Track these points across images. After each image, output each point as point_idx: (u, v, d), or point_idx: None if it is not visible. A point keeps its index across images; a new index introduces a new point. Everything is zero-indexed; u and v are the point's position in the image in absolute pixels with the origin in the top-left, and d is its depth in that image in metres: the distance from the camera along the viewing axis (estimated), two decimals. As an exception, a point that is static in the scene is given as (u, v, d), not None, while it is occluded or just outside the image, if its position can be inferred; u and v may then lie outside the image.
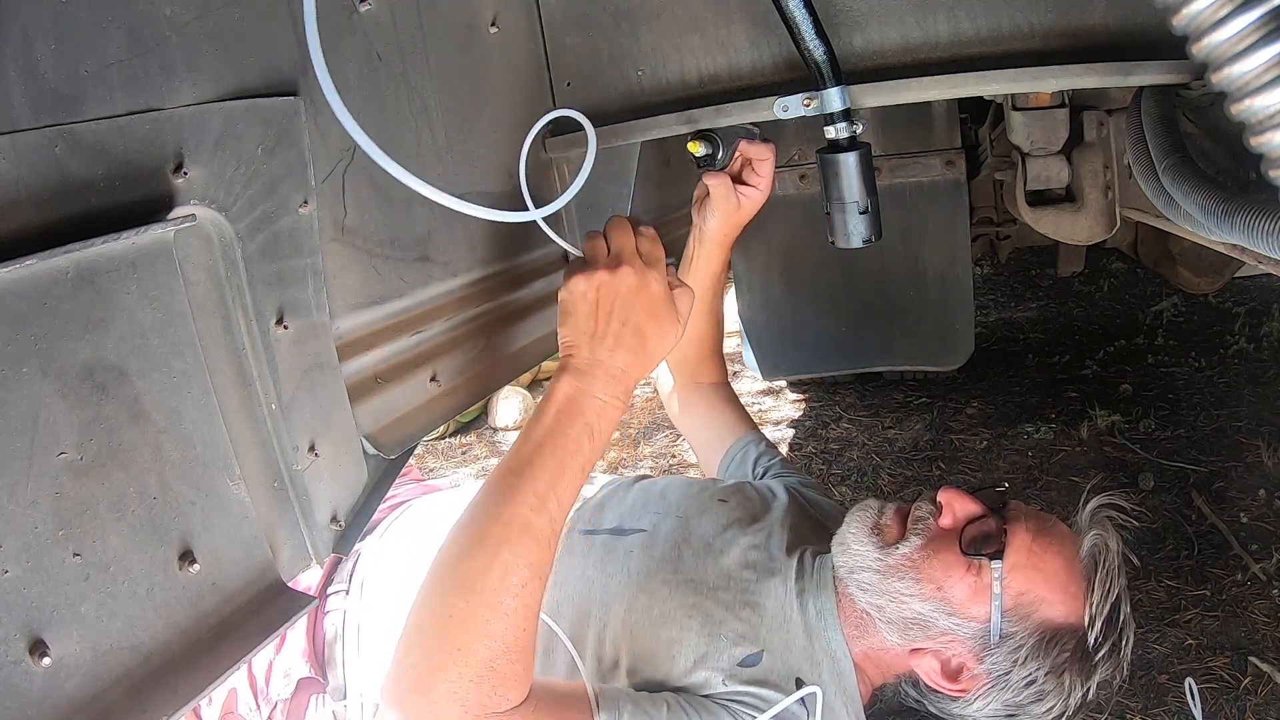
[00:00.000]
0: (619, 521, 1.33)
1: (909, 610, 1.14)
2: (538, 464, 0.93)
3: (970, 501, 1.18)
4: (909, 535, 1.17)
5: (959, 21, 0.93)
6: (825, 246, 1.06)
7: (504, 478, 0.95)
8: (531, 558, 0.91)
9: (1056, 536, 1.16)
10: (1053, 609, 1.11)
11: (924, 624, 1.14)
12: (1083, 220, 1.74)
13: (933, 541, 1.16)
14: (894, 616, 1.15)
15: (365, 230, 0.90)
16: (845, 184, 0.99)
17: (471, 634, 0.88)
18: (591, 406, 0.96)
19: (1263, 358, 3.42)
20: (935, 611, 1.13)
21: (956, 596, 1.12)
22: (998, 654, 1.12)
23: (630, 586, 1.20)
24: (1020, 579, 1.12)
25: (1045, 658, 1.11)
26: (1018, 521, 1.16)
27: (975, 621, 1.12)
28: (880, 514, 1.23)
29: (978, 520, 1.16)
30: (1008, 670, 1.12)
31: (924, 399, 3.52)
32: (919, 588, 1.14)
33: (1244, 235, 0.77)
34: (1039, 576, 1.12)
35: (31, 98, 0.57)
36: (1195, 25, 0.66)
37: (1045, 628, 1.11)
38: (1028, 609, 1.11)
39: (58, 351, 0.60)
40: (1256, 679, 2.02)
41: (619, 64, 1.08)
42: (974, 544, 1.14)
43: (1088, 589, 1.12)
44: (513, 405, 3.84)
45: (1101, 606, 1.11)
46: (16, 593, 0.58)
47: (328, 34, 0.83)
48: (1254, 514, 2.55)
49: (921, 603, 1.13)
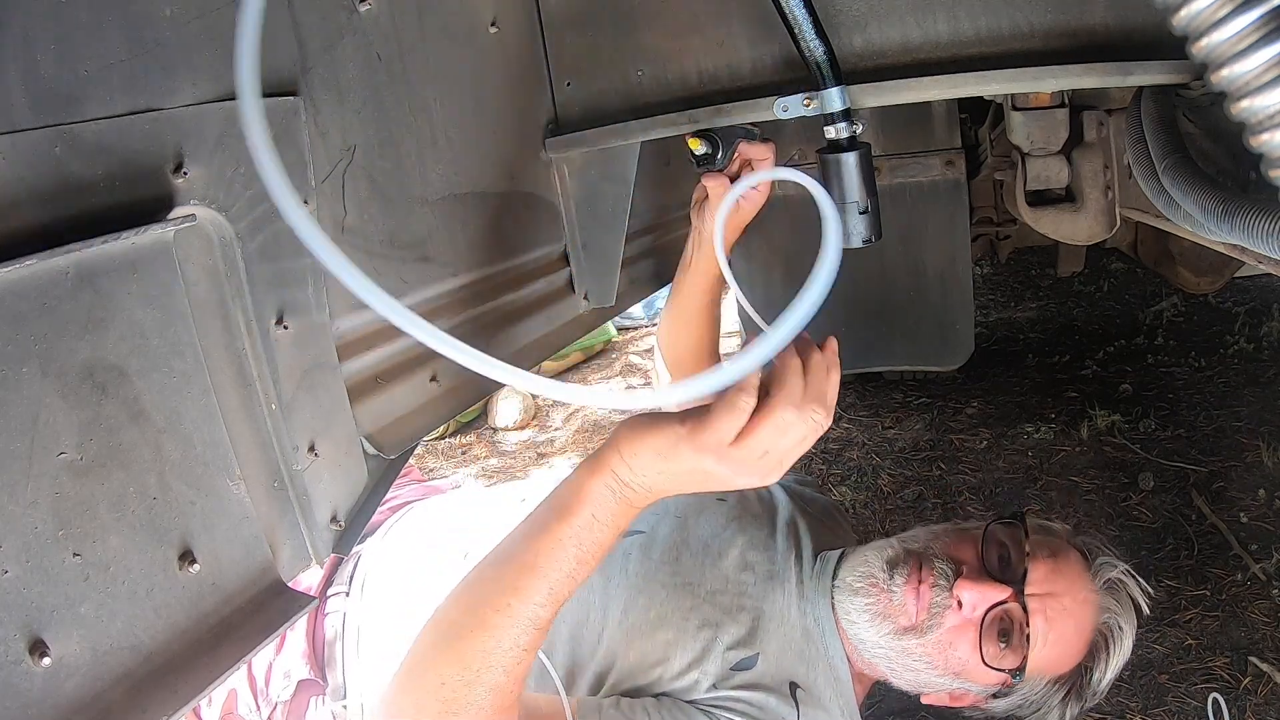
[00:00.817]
0: None
1: (926, 679, 1.18)
2: (558, 562, 0.85)
3: (989, 588, 1.12)
4: (926, 629, 1.13)
5: (959, 21, 0.93)
6: (825, 246, 1.06)
7: (517, 571, 0.86)
8: (532, 643, 0.88)
9: (1075, 613, 1.14)
10: (1061, 668, 1.17)
11: (938, 685, 1.18)
12: (1083, 220, 1.74)
13: (949, 633, 1.13)
14: (902, 675, 1.19)
15: (365, 230, 0.90)
16: (845, 184, 0.98)
17: (461, 702, 0.87)
18: (627, 518, 0.86)
19: (1263, 358, 3.42)
20: (952, 680, 1.16)
21: (974, 677, 1.15)
22: (1009, 699, 1.18)
23: (628, 588, 1.20)
24: (1034, 670, 1.14)
25: (1052, 696, 1.18)
26: (1039, 612, 1.11)
27: (989, 685, 1.16)
28: (889, 586, 1.16)
29: (998, 606, 1.12)
30: (1016, 704, 1.18)
31: (924, 399, 3.52)
32: (934, 670, 1.16)
33: (1244, 235, 0.77)
34: (1049, 663, 1.15)
35: (31, 98, 0.57)
36: (1195, 25, 0.66)
37: (1050, 680, 1.17)
38: (1039, 678, 1.16)
39: (58, 351, 0.60)
40: (1256, 679, 2.02)
41: (619, 64, 1.08)
42: (997, 656, 1.12)
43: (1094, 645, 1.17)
44: (513, 405, 3.84)
45: (1104, 671, 1.17)
46: (16, 593, 0.58)
47: (328, 34, 0.83)
48: (1254, 514, 2.54)
49: (939, 676, 1.16)
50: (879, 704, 2.02)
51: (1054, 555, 1.16)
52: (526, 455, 3.64)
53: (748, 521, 1.33)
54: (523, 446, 3.72)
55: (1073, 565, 1.17)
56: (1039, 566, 1.13)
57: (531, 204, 1.17)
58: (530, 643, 0.87)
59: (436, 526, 1.42)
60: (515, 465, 3.57)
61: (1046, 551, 1.16)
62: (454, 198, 1.03)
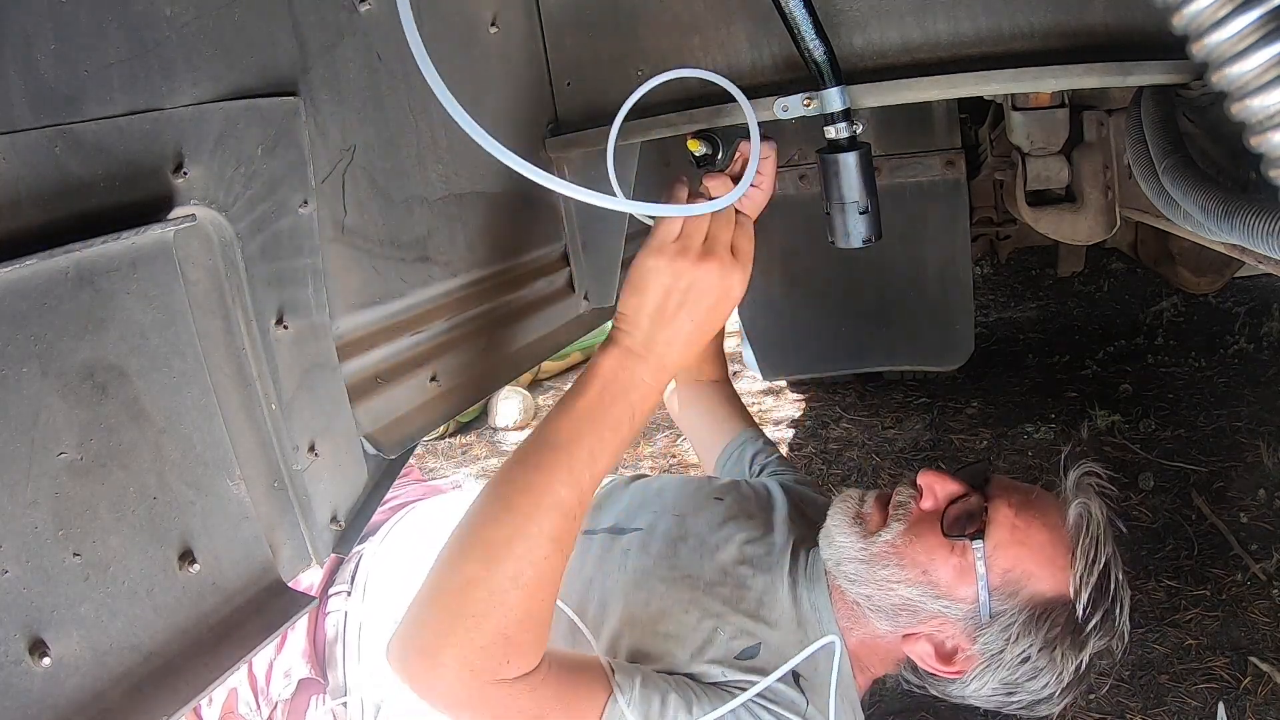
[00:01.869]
0: (616, 520, 1.33)
1: (897, 597, 1.14)
2: (576, 438, 0.90)
3: (950, 482, 1.17)
4: (890, 522, 1.17)
5: (959, 21, 0.93)
6: (825, 246, 1.06)
7: (539, 449, 0.92)
8: (557, 531, 0.90)
9: (1040, 509, 1.15)
10: (1041, 583, 1.11)
11: (913, 609, 1.14)
12: (1083, 220, 1.74)
13: (915, 526, 1.15)
14: (883, 604, 1.15)
15: (365, 230, 0.90)
16: (845, 184, 0.98)
17: (488, 602, 0.87)
18: (638, 389, 0.92)
19: (1263, 358, 3.42)
20: (923, 595, 1.13)
21: (942, 579, 1.12)
22: (989, 633, 1.12)
23: (628, 584, 1.20)
24: (1005, 556, 1.11)
25: (1037, 633, 1.10)
26: (999, 498, 1.15)
27: (963, 603, 1.12)
28: (861, 503, 1.22)
29: (959, 500, 1.15)
30: (1001, 649, 1.12)
31: (924, 399, 3.52)
32: (904, 573, 1.13)
33: (1244, 235, 0.77)
34: (1024, 552, 1.11)
35: (31, 98, 0.57)
36: (1195, 25, 0.66)
37: (1035, 603, 1.11)
38: (1015, 585, 1.11)
39: (58, 351, 0.60)
40: (1256, 679, 2.02)
41: (619, 64, 1.08)
42: (955, 525, 1.13)
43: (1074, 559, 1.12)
44: (513, 405, 3.84)
45: (1088, 576, 1.10)
46: (16, 593, 0.58)
47: (328, 34, 0.83)
48: (1254, 514, 2.55)
49: (908, 588, 1.13)
50: (879, 704, 2.03)
51: (1020, 490, 1.18)
52: (526, 455, 3.63)
53: (744, 519, 1.33)
54: (523, 446, 3.71)
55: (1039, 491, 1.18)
56: (1000, 479, 1.19)
57: (531, 204, 1.17)
58: (555, 531, 0.89)
59: (437, 527, 1.42)
60: (515, 465, 3.56)
61: (1011, 487, 1.19)
62: (454, 198, 1.03)
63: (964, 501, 1.15)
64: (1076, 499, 1.15)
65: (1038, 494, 1.18)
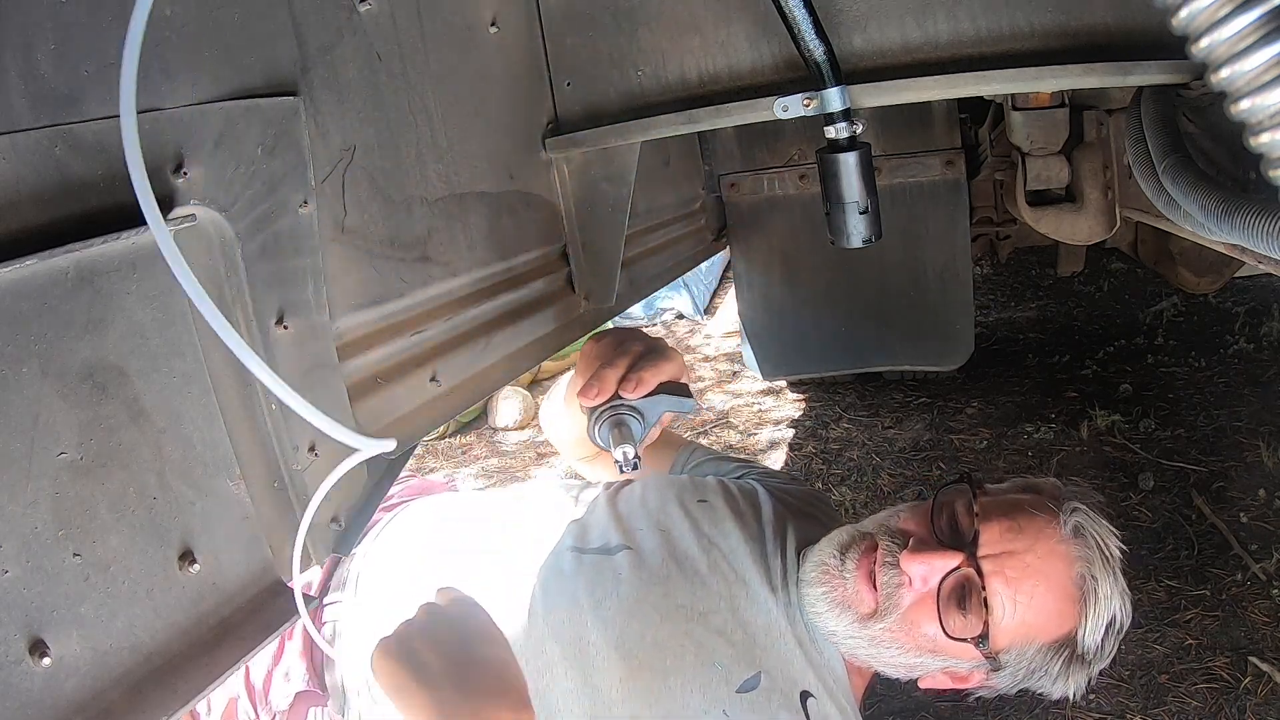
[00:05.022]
0: (604, 539, 1.28)
1: (906, 662, 1.15)
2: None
3: (936, 557, 1.08)
4: (883, 611, 1.11)
5: (959, 21, 0.93)
6: (825, 246, 1.06)
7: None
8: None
9: (1040, 570, 1.08)
10: (1048, 635, 1.11)
11: (923, 667, 1.15)
12: (1083, 220, 1.74)
13: (911, 611, 1.10)
14: (888, 665, 1.16)
15: (365, 230, 0.90)
16: (845, 184, 0.98)
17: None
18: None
19: (1263, 358, 3.42)
20: (932, 659, 1.13)
21: (949, 651, 1.11)
22: (1000, 674, 1.14)
23: (622, 613, 1.17)
24: (1009, 636, 1.09)
25: (1047, 663, 1.13)
26: (995, 574, 1.07)
27: (973, 659, 1.12)
28: (842, 575, 1.14)
29: (950, 575, 1.08)
30: (1011, 681, 1.15)
31: (924, 399, 3.52)
32: (910, 650, 1.13)
33: (1244, 235, 0.77)
34: (1029, 628, 1.09)
35: (31, 98, 0.57)
36: (1195, 25, 0.66)
37: (1043, 647, 1.12)
38: (1024, 645, 1.11)
39: (58, 351, 0.60)
40: (1256, 679, 2.02)
41: (619, 64, 1.08)
42: (955, 621, 1.08)
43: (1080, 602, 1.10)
44: (513, 405, 3.84)
45: (1096, 625, 1.11)
46: (16, 593, 0.58)
47: (328, 34, 0.83)
48: (1254, 514, 2.55)
49: (917, 657, 1.13)
50: (879, 704, 2.03)
51: (1009, 513, 1.11)
52: (526, 455, 3.64)
53: (734, 524, 1.28)
54: (522, 446, 3.72)
55: (1035, 521, 1.10)
56: (991, 527, 1.09)
57: (531, 204, 1.17)
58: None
59: (428, 527, 1.42)
60: (515, 465, 3.57)
61: (1000, 511, 1.11)
62: (454, 198, 1.03)
63: (955, 578, 1.08)
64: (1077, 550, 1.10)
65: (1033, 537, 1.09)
